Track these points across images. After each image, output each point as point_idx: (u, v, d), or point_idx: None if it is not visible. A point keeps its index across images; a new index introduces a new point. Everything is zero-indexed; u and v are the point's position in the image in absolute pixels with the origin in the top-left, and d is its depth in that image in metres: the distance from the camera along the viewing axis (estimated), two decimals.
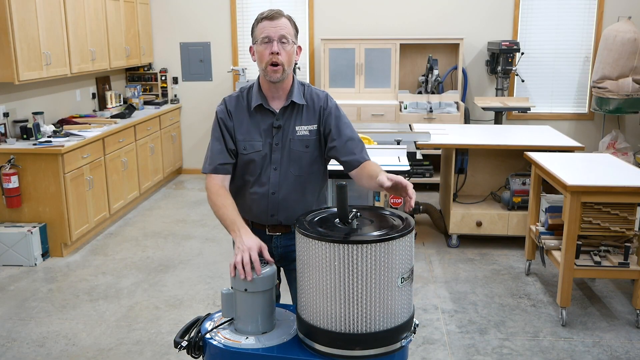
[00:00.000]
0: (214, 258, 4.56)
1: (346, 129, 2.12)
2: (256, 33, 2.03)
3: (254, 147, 2.09)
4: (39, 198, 4.47)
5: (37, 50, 4.54)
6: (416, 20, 6.65)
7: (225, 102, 2.16)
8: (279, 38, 1.99)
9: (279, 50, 1.98)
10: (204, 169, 2.15)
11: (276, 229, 2.18)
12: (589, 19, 6.52)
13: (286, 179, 2.11)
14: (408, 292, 1.65)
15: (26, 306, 3.75)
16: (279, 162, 2.10)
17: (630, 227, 3.36)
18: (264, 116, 2.10)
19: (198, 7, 6.89)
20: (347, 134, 2.11)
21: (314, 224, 1.69)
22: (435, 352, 3.19)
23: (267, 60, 2.00)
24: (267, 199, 2.13)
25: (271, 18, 2.00)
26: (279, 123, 2.09)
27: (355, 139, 2.12)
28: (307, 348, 1.66)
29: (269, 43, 1.99)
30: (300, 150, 2.10)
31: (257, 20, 2.03)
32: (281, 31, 1.99)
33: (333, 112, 2.12)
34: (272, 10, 2.02)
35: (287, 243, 2.19)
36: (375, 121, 6.11)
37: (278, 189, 2.12)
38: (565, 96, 6.75)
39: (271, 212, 2.15)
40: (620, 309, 3.67)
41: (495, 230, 4.65)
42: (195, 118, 7.13)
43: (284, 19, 2.02)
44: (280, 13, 2.02)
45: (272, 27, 1.99)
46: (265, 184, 2.12)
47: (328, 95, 2.16)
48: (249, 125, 2.10)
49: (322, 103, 2.12)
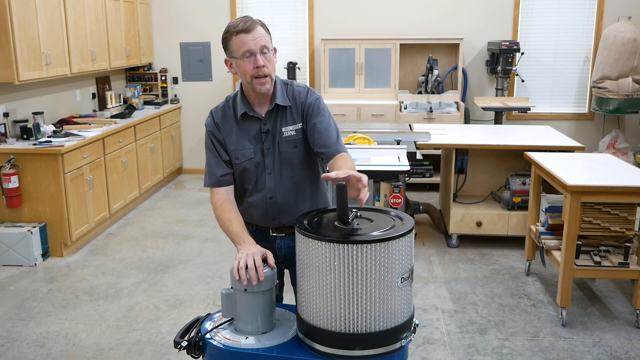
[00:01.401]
0: (214, 258, 4.56)
1: (323, 120, 2.06)
2: (233, 47, 1.96)
3: (246, 155, 2.08)
4: (39, 198, 4.47)
5: (37, 50, 4.54)
6: (416, 20, 6.65)
7: (212, 114, 2.12)
8: (261, 49, 1.93)
9: (264, 62, 1.94)
10: (205, 183, 2.13)
11: (280, 231, 2.18)
12: (589, 19, 6.52)
13: (281, 182, 2.10)
14: (408, 292, 1.65)
15: (26, 306, 3.75)
16: (272, 167, 2.09)
17: (630, 227, 3.36)
18: (251, 123, 2.07)
19: (198, 7, 6.89)
20: (324, 126, 2.05)
21: (314, 224, 1.69)
22: (435, 352, 3.18)
23: (251, 74, 1.95)
24: (266, 204, 2.12)
25: (247, 31, 1.92)
26: (267, 127, 2.06)
27: (330, 130, 2.05)
28: (307, 348, 1.66)
29: (251, 57, 1.93)
30: (289, 151, 2.08)
31: (230, 34, 1.95)
32: (261, 42, 1.93)
33: (313, 104, 2.07)
34: (244, 20, 1.94)
35: (291, 244, 2.18)
36: (375, 121, 6.11)
37: (275, 193, 2.11)
38: (565, 96, 6.76)
39: (272, 217, 2.15)
40: (620, 309, 3.67)
41: (495, 230, 4.65)
42: (195, 118, 7.13)
43: (259, 28, 1.95)
44: (253, 22, 1.95)
45: (252, 40, 1.92)
46: (262, 190, 2.11)
47: (309, 90, 2.12)
48: (238, 134, 2.08)
49: (303, 99, 2.08)
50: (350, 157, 2.02)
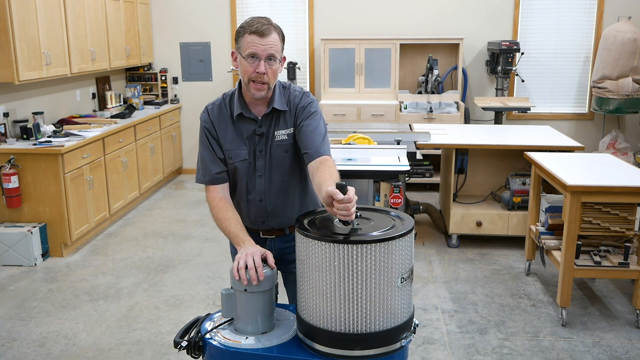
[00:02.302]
0: (214, 258, 4.56)
1: (311, 123, 2.01)
2: (242, 44, 1.91)
3: (239, 156, 2.06)
4: (39, 198, 4.47)
5: (37, 50, 4.54)
6: (416, 20, 6.65)
7: (207, 110, 2.09)
8: (267, 57, 1.89)
9: (266, 70, 1.90)
10: (198, 179, 2.10)
11: (269, 233, 2.17)
12: (589, 19, 6.52)
13: (271, 185, 2.08)
14: (408, 292, 1.65)
15: (26, 306, 3.75)
16: (263, 169, 2.06)
17: (630, 227, 3.36)
18: (247, 124, 2.05)
19: (198, 7, 6.89)
20: (311, 128, 2.00)
21: (314, 224, 1.69)
22: (435, 352, 3.18)
23: (250, 76, 1.92)
24: (256, 206, 2.10)
25: (261, 34, 1.88)
26: (262, 130, 2.04)
27: (317, 132, 1.99)
28: (307, 348, 1.66)
29: (255, 60, 1.90)
30: (280, 155, 2.05)
31: (244, 30, 1.91)
32: (270, 50, 1.89)
33: (305, 107, 2.04)
34: (263, 23, 1.89)
35: (282, 246, 2.18)
36: (375, 121, 6.11)
37: (264, 197, 2.09)
38: (565, 96, 6.75)
39: (261, 219, 2.13)
40: (620, 309, 3.67)
41: (495, 230, 4.65)
42: (195, 118, 7.12)
43: (274, 35, 1.90)
44: (270, 28, 1.90)
45: (262, 45, 1.88)
46: (252, 192, 2.09)
47: (304, 94, 2.08)
48: (233, 134, 2.06)
49: (296, 102, 2.05)
50: (333, 162, 1.95)
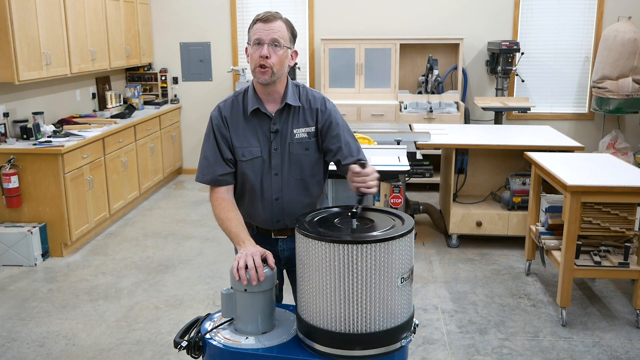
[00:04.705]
0: (214, 258, 4.56)
1: (345, 134, 2.11)
2: (250, 34, 1.98)
3: (252, 154, 2.05)
4: (39, 198, 4.47)
5: (37, 50, 4.54)
6: (416, 20, 6.65)
7: (219, 108, 2.09)
8: (271, 41, 1.93)
9: (269, 53, 1.93)
10: (198, 178, 2.08)
11: (282, 233, 2.16)
12: (589, 19, 6.52)
13: (289, 183, 2.08)
14: (408, 292, 1.65)
15: (26, 306, 3.75)
16: (279, 167, 2.06)
17: (630, 227, 3.36)
18: (261, 120, 2.05)
19: (198, 7, 6.89)
20: (346, 138, 2.10)
21: (314, 224, 1.69)
22: (435, 352, 3.18)
23: (256, 63, 1.95)
24: (271, 205, 2.10)
25: (265, 20, 1.94)
26: (277, 127, 2.04)
27: (351, 142, 2.11)
28: (307, 348, 1.66)
29: (259, 45, 1.94)
30: (300, 153, 2.06)
31: (253, 22, 1.99)
32: (273, 34, 1.93)
33: (332, 115, 2.09)
34: (268, 12, 1.97)
35: (294, 246, 2.14)
36: (375, 121, 6.11)
37: (281, 195, 2.08)
38: (565, 96, 6.75)
39: (276, 218, 2.12)
40: (620, 309, 3.67)
41: (495, 230, 4.65)
42: (195, 118, 7.13)
43: (279, 22, 1.96)
44: (275, 16, 1.96)
45: (265, 30, 1.93)
46: (268, 191, 2.08)
47: (325, 98, 2.13)
48: (245, 131, 2.05)
49: (318, 105, 2.08)
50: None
